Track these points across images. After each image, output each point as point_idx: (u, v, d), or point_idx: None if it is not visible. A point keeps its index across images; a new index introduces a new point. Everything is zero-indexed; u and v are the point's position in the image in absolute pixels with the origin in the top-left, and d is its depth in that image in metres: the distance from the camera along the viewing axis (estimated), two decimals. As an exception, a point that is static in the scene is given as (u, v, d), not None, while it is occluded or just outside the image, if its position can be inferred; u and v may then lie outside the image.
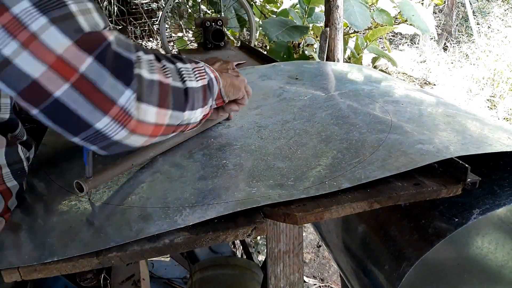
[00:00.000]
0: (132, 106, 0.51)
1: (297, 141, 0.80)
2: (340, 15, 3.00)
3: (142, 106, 0.52)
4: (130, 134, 0.53)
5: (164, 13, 2.74)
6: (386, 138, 0.77)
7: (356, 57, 4.05)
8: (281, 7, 4.53)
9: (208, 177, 0.69)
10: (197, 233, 0.57)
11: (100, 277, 1.35)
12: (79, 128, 0.50)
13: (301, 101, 1.02)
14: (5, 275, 0.51)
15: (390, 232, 0.75)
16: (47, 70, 0.45)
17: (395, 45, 6.15)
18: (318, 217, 0.60)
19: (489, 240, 0.68)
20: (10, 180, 0.64)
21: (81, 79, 0.47)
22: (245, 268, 1.42)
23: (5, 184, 0.63)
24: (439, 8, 6.49)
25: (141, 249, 0.54)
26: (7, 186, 0.63)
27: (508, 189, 0.68)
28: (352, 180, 0.64)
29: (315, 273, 2.07)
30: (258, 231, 0.58)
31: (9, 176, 0.64)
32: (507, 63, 4.45)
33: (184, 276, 1.74)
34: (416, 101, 0.98)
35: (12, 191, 0.64)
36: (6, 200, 0.64)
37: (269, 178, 0.67)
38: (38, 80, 0.46)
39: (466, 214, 0.66)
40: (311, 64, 1.43)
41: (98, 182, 0.66)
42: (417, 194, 0.63)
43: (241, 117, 0.93)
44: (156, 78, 0.53)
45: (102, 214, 0.61)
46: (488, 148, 0.69)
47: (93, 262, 0.53)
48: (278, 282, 0.74)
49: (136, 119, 0.52)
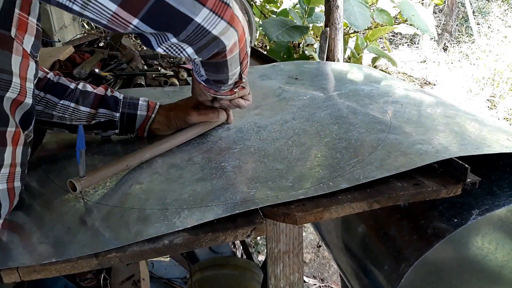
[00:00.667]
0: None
1: (296, 141, 0.80)
2: (340, 15, 3.01)
3: (232, 1, 0.56)
4: (228, 26, 0.57)
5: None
6: (385, 138, 0.77)
7: (356, 57, 4.05)
8: (281, 7, 4.54)
9: (207, 178, 0.69)
10: (196, 233, 0.57)
11: (100, 277, 1.35)
12: (181, 26, 0.53)
13: (301, 101, 1.02)
14: (4, 276, 0.51)
15: (389, 232, 0.75)
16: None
17: (395, 45, 6.15)
18: (317, 217, 0.60)
19: (489, 240, 0.68)
20: (17, 180, 0.64)
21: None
22: (245, 268, 1.42)
23: (13, 183, 0.63)
24: (439, 8, 6.48)
25: (140, 250, 0.54)
26: (14, 185, 0.64)
27: (507, 189, 0.68)
28: (351, 180, 0.64)
29: (315, 273, 2.07)
30: (257, 232, 0.58)
31: (18, 176, 0.64)
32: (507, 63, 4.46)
33: (184, 276, 1.74)
34: (416, 102, 0.98)
35: (16, 192, 0.64)
36: (11, 200, 0.64)
37: (268, 180, 0.67)
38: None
39: (466, 214, 0.66)
40: (311, 64, 1.43)
41: (92, 182, 0.65)
42: (417, 194, 0.63)
43: (240, 118, 0.93)
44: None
45: (100, 216, 0.61)
46: (487, 149, 0.69)
47: (92, 262, 0.53)
48: (278, 282, 0.74)
49: (232, 9, 0.56)
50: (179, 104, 0.88)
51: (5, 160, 0.60)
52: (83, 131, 0.63)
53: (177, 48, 0.59)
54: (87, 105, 0.82)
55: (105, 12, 0.50)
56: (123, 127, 0.85)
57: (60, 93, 0.81)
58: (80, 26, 4.26)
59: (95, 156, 0.81)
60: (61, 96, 0.81)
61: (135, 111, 0.84)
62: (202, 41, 0.57)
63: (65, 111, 0.81)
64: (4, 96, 0.59)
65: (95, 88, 0.85)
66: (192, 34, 0.55)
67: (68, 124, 0.83)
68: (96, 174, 0.66)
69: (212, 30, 0.56)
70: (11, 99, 0.60)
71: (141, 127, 0.86)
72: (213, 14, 0.54)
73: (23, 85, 0.62)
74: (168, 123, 0.86)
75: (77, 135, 0.62)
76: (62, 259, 0.52)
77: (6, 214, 0.61)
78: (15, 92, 0.61)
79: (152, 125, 0.86)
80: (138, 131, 0.86)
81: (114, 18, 0.51)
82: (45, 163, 0.79)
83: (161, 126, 0.86)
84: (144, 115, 0.85)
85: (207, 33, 0.56)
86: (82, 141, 0.62)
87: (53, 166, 0.78)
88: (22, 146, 0.64)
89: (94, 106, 0.83)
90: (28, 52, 0.61)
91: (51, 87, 0.81)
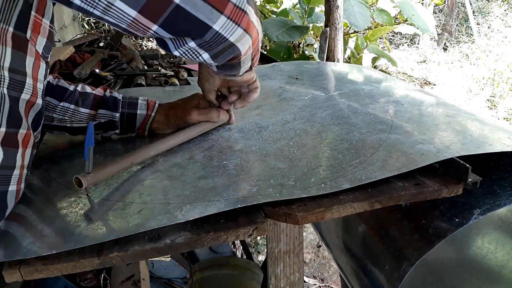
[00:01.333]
0: (243, 2, 0.55)
1: (297, 141, 0.80)
2: (340, 15, 3.01)
3: (248, 7, 0.56)
4: (244, 33, 0.58)
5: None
6: (386, 138, 0.77)
7: (356, 57, 4.05)
8: (281, 7, 4.54)
9: (209, 176, 0.69)
10: (198, 233, 0.57)
11: (100, 277, 1.35)
12: (199, 33, 0.54)
13: (301, 101, 1.02)
14: (6, 275, 0.51)
15: (390, 232, 0.75)
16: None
17: (395, 45, 6.15)
18: (319, 217, 0.60)
19: (489, 240, 0.68)
20: (24, 182, 0.65)
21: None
22: (245, 268, 1.42)
23: (21, 185, 0.63)
24: (439, 8, 6.49)
25: (142, 249, 0.54)
26: (21, 187, 0.64)
27: (508, 189, 0.68)
28: (353, 181, 0.64)
29: (315, 273, 2.07)
30: (259, 231, 0.58)
31: (25, 178, 0.65)
32: (507, 63, 4.46)
33: (184, 276, 1.74)
34: (416, 101, 0.98)
35: (20, 193, 0.64)
36: (16, 202, 0.64)
37: (270, 178, 0.67)
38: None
39: (467, 214, 0.66)
40: (311, 64, 1.43)
41: (97, 179, 0.66)
42: (418, 194, 0.63)
43: (241, 118, 0.94)
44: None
45: (101, 210, 0.61)
46: (489, 148, 0.69)
47: (94, 262, 0.53)
48: (278, 282, 0.75)
49: (248, 16, 0.56)
50: (179, 104, 0.88)
51: (17, 162, 0.61)
52: (93, 128, 0.64)
53: (194, 53, 0.60)
54: (87, 106, 0.82)
55: (125, 18, 0.50)
56: (124, 127, 0.85)
57: (60, 95, 0.81)
58: (80, 26, 4.26)
59: (96, 156, 0.81)
60: (61, 98, 0.81)
61: (135, 111, 0.84)
62: (219, 47, 0.58)
63: (65, 113, 0.81)
64: (19, 98, 0.60)
65: (94, 89, 0.85)
66: (210, 41, 0.56)
67: (68, 127, 0.83)
68: (102, 171, 0.66)
69: (229, 37, 0.57)
70: (25, 100, 0.61)
71: (141, 126, 0.86)
72: (231, 21, 0.55)
73: (35, 85, 0.63)
74: (167, 122, 0.86)
75: (87, 132, 0.63)
76: (62, 251, 0.52)
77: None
78: (29, 93, 0.62)
79: (152, 125, 0.86)
80: (139, 130, 0.86)
81: (134, 24, 0.51)
82: (46, 162, 0.79)
83: (160, 125, 0.86)
84: (144, 114, 0.85)
85: (224, 40, 0.57)
86: (91, 138, 0.63)
87: (54, 165, 0.78)
88: (31, 148, 0.65)
89: (94, 107, 0.83)
90: (40, 53, 0.63)
91: (50, 90, 0.81)
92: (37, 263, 0.52)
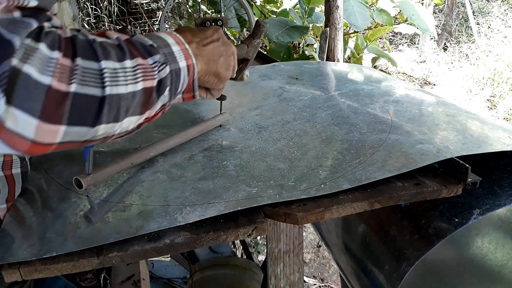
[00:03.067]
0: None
1: (297, 142, 0.80)
2: (340, 15, 3.00)
3: (12, 111, 0.39)
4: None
5: (164, 13, 2.74)
6: (386, 138, 0.77)
7: (356, 57, 4.05)
8: (281, 7, 4.53)
9: (209, 177, 0.69)
10: (198, 233, 0.57)
11: (100, 277, 1.35)
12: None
13: (301, 101, 1.02)
14: (5, 275, 0.51)
15: (390, 232, 0.75)
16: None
17: (395, 45, 6.15)
18: (318, 217, 0.60)
19: (489, 240, 0.68)
20: (16, 167, 0.65)
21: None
22: (245, 268, 1.42)
23: (11, 170, 0.64)
24: (439, 8, 6.48)
25: (142, 249, 0.54)
26: (12, 173, 0.64)
27: (508, 189, 0.68)
28: (353, 181, 0.64)
29: (315, 273, 2.07)
30: (258, 231, 0.58)
31: (17, 164, 0.65)
32: (507, 63, 4.45)
33: (184, 276, 1.74)
34: (416, 101, 0.98)
35: (15, 179, 0.64)
36: (11, 187, 0.65)
37: (270, 179, 0.67)
38: None
39: (466, 214, 0.66)
40: (311, 64, 1.43)
41: (97, 180, 0.66)
42: (418, 194, 0.63)
43: (242, 118, 0.93)
44: (47, 82, 0.40)
45: (101, 211, 0.61)
46: (489, 148, 0.69)
47: (93, 262, 0.53)
48: (278, 282, 0.75)
49: (5, 126, 0.40)
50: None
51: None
52: None
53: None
54: None
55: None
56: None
57: None
58: (80, 26, 4.26)
59: (96, 156, 0.81)
60: None
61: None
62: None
63: None
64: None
65: None
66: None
67: None
68: (101, 172, 0.67)
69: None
70: None
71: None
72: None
73: None
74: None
75: None
76: (62, 252, 0.52)
77: (8, 202, 0.62)
78: None
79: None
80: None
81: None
82: (46, 162, 0.79)
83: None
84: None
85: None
86: None
87: (54, 166, 0.78)
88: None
89: None
90: None
91: None
92: (37, 263, 0.52)
